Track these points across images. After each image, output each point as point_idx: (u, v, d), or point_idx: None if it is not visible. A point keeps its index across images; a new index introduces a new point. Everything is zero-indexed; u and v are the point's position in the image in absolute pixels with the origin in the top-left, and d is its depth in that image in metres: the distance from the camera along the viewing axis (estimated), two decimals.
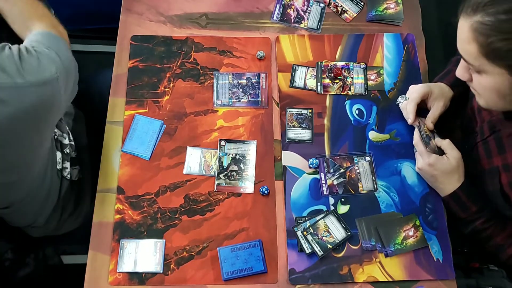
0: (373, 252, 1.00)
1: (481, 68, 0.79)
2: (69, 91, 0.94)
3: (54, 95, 0.86)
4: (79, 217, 1.16)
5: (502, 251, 0.97)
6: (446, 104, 1.05)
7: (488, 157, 0.95)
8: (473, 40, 0.76)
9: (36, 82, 0.81)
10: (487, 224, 0.97)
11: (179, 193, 1.05)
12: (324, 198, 1.05)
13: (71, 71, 0.93)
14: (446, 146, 1.00)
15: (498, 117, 0.94)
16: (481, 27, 0.74)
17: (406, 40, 1.22)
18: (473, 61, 0.79)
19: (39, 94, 0.82)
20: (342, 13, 1.26)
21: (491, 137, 0.95)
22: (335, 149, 1.10)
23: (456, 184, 0.99)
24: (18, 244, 1.14)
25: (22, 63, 0.80)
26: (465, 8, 0.78)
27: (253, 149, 1.09)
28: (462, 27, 0.78)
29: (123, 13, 1.23)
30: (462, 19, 0.78)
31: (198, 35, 1.22)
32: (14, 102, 0.78)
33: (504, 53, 0.74)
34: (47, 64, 0.84)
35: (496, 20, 0.73)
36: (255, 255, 0.99)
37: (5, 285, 1.11)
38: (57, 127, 1.10)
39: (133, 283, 0.97)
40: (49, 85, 0.84)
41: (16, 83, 0.78)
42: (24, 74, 0.79)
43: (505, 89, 0.79)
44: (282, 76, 1.17)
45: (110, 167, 1.06)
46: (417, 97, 1.05)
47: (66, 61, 0.90)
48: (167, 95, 1.14)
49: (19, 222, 1.08)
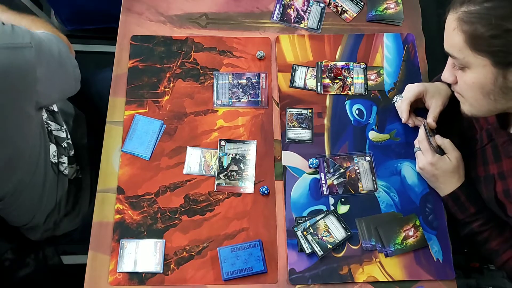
0: (373, 252, 1.00)
1: (465, 61, 0.80)
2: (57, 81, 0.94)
3: (26, 64, 0.85)
4: (77, 217, 1.16)
5: (496, 256, 0.97)
6: (444, 102, 1.05)
7: (485, 165, 0.96)
8: (458, 30, 0.79)
9: (5, 44, 0.81)
10: (484, 227, 0.97)
11: (179, 193, 1.05)
12: (324, 198, 1.05)
13: (55, 57, 0.92)
14: (447, 146, 1.01)
15: (493, 126, 0.94)
16: (466, 16, 0.77)
17: (406, 40, 1.22)
18: (458, 53, 0.81)
19: (9, 57, 0.82)
20: (342, 13, 1.26)
21: (488, 145, 0.96)
22: (335, 149, 1.10)
23: (456, 184, 0.99)
24: (18, 244, 1.14)
25: None
26: (453, 4, 0.80)
27: (253, 149, 1.09)
28: (449, 21, 0.81)
29: (123, 13, 1.23)
30: (450, 13, 0.81)
31: (198, 35, 1.22)
32: None
33: (487, 39, 0.75)
34: (21, 33, 0.85)
35: (481, 7, 0.75)
36: (255, 255, 0.99)
37: (5, 285, 1.11)
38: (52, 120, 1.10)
39: (133, 283, 0.97)
40: (19, 50, 0.83)
41: None
42: None
43: (489, 85, 0.80)
44: (282, 76, 1.17)
45: (110, 167, 1.06)
46: (410, 96, 1.06)
47: (52, 44, 0.90)
48: (167, 95, 1.14)
49: (16, 220, 1.08)
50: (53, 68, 0.92)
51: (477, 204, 0.98)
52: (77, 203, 1.16)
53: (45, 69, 0.89)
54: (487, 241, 0.97)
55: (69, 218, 1.15)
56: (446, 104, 1.05)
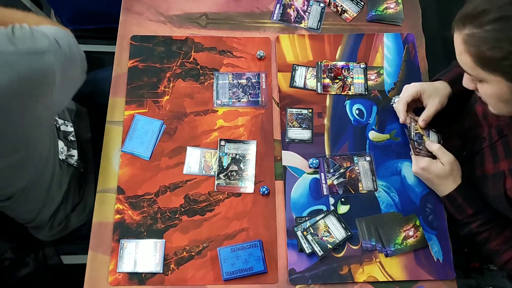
0: (373, 252, 1.00)
1: (479, 77, 0.80)
2: (69, 76, 0.94)
3: (46, 68, 0.85)
4: (84, 212, 1.16)
5: (497, 256, 0.97)
6: (442, 101, 1.04)
7: (495, 162, 0.95)
8: (466, 52, 0.78)
9: (27, 50, 0.81)
10: (483, 227, 0.96)
11: (179, 193, 1.05)
12: (324, 198, 1.05)
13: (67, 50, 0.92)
14: (437, 152, 1.00)
15: (505, 122, 0.94)
16: (471, 39, 0.77)
17: (406, 40, 1.22)
18: (471, 71, 0.81)
19: (31, 63, 0.82)
20: (342, 13, 1.26)
21: (499, 142, 0.95)
22: (335, 149, 1.10)
23: (452, 186, 0.99)
24: (18, 244, 1.14)
25: (14, 34, 0.81)
26: (456, 22, 0.80)
27: (253, 149, 1.09)
28: (456, 40, 0.81)
29: (123, 13, 1.23)
30: (455, 32, 0.81)
31: (198, 35, 1.22)
32: (6, 69, 0.78)
33: (496, 61, 0.75)
34: (40, 37, 0.85)
35: (482, 31, 0.75)
36: (255, 255, 0.99)
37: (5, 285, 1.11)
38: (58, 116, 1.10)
39: (133, 283, 0.97)
40: (40, 55, 0.83)
41: (7, 50, 0.78)
42: (15, 42, 0.80)
43: (506, 95, 0.80)
44: (282, 76, 1.17)
45: (110, 167, 1.06)
46: (406, 96, 1.06)
47: (62, 41, 0.90)
48: (167, 95, 1.14)
49: (23, 217, 1.08)
50: (66, 67, 0.92)
51: (475, 205, 0.97)
52: (83, 197, 1.16)
53: (61, 70, 0.89)
54: (487, 242, 0.97)
55: (76, 213, 1.15)
56: (444, 104, 1.05)
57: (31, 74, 0.82)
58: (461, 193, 0.98)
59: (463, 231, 1.00)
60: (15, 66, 0.79)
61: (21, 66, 0.80)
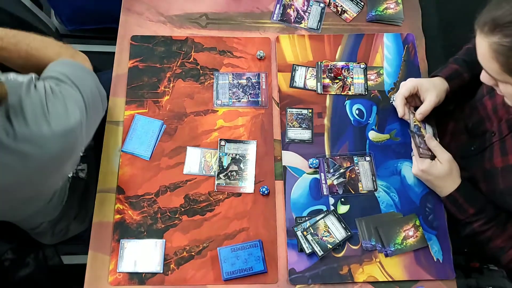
0: (373, 252, 1.00)
1: (505, 80, 0.81)
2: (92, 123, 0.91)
3: (76, 141, 0.84)
4: (86, 219, 1.16)
5: (502, 253, 0.97)
6: (439, 95, 1.04)
7: (504, 155, 0.95)
8: (494, 59, 0.78)
9: (62, 131, 0.79)
10: (486, 226, 0.96)
11: (179, 193, 1.05)
12: (324, 198, 1.05)
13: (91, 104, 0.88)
14: (436, 149, 1.01)
15: None
16: (501, 49, 0.76)
17: (406, 40, 1.22)
18: (497, 76, 0.81)
19: (63, 143, 0.80)
20: (342, 13, 1.26)
21: (509, 136, 0.95)
22: (335, 149, 1.10)
23: (453, 186, 0.99)
24: (18, 244, 1.14)
25: (48, 108, 0.78)
26: (481, 25, 0.78)
27: (253, 149, 1.09)
28: (481, 45, 0.80)
29: (123, 13, 1.23)
30: (480, 36, 0.79)
31: (198, 35, 1.22)
32: (38, 153, 0.77)
33: None
34: (72, 109, 0.82)
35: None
36: (255, 255, 0.99)
37: (5, 285, 1.11)
38: None
39: (133, 283, 0.97)
40: (73, 132, 0.82)
41: (41, 134, 0.76)
42: (50, 121, 0.78)
43: None
44: (282, 76, 1.17)
45: (110, 167, 1.06)
46: (404, 91, 1.07)
47: (88, 95, 0.87)
48: (167, 95, 1.14)
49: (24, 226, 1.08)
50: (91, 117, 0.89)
51: (477, 204, 0.97)
52: (85, 204, 1.15)
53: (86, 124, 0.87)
54: (491, 240, 0.97)
55: (78, 221, 1.15)
56: (442, 98, 1.05)
57: (63, 152, 0.82)
58: (461, 193, 0.98)
59: (465, 231, 1.00)
60: (48, 147, 0.78)
61: (53, 147, 0.79)
